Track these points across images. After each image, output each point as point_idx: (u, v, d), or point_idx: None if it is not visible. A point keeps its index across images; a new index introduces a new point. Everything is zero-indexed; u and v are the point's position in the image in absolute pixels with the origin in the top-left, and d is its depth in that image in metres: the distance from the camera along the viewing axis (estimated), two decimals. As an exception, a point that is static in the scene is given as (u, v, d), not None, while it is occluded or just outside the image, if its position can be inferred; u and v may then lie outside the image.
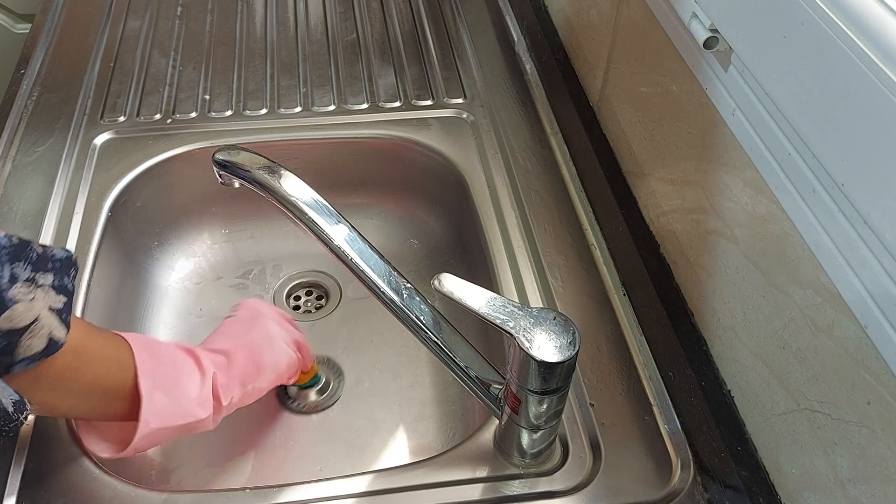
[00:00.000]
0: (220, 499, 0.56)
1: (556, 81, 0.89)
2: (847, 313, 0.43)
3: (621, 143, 0.76)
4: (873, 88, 0.37)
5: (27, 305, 0.46)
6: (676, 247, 0.66)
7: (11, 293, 0.45)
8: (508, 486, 0.56)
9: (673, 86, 0.63)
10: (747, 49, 0.49)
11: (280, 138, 0.85)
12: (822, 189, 0.44)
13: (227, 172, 0.54)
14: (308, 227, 0.52)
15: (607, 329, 0.67)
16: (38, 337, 0.47)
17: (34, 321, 0.46)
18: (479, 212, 0.77)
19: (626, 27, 0.73)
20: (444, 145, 0.85)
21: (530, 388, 0.50)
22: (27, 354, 0.46)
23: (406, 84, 0.92)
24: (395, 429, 0.74)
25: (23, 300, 0.45)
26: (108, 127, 0.85)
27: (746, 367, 0.56)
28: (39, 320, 0.46)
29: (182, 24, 1.00)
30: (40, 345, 0.47)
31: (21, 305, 0.45)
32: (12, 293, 0.45)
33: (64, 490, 0.55)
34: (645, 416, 0.61)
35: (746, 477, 0.54)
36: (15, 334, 0.45)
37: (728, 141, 0.55)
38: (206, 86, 0.91)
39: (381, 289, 0.52)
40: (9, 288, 0.45)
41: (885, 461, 0.42)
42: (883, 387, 0.41)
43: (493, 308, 0.49)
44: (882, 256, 0.40)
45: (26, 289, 0.46)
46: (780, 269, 0.50)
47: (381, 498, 0.56)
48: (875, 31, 0.38)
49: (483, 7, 1.06)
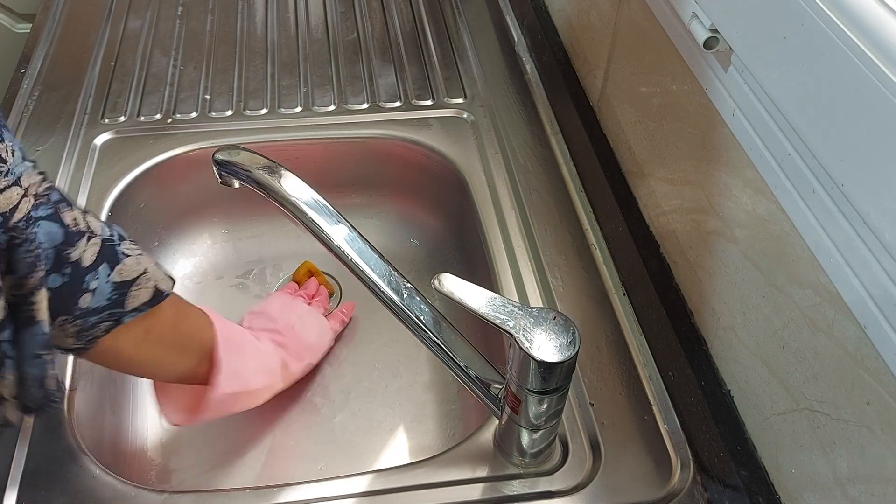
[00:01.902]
0: (220, 499, 0.56)
1: (557, 81, 0.89)
2: (846, 313, 0.43)
3: (621, 142, 0.76)
4: (873, 88, 0.37)
5: (136, 259, 0.50)
6: (676, 247, 0.66)
7: (122, 248, 0.49)
8: (508, 486, 0.56)
9: (673, 86, 0.63)
10: (747, 49, 0.49)
11: (280, 138, 0.85)
12: (821, 189, 0.44)
13: (227, 172, 0.54)
14: (308, 227, 0.52)
15: (607, 329, 0.67)
16: (145, 288, 0.50)
17: (142, 273, 0.50)
18: (479, 212, 0.77)
19: (627, 27, 0.73)
20: (445, 145, 0.85)
21: (530, 388, 0.50)
22: (135, 305, 0.50)
23: (406, 84, 0.92)
24: (395, 429, 0.74)
25: (132, 255, 0.50)
26: (109, 127, 0.85)
27: (746, 366, 0.56)
28: (147, 272, 0.51)
29: (183, 24, 1.00)
30: (146, 296, 0.51)
31: (131, 259, 0.50)
32: (122, 248, 0.49)
33: (64, 490, 0.55)
34: (645, 415, 0.61)
35: (746, 476, 0.54)
36: (125, 286, 0.49)
37: (728, 141, 0.55)
38: (207, 85, 0.91)
39: (381, 289, 0.52)
40: (119, 244, 0.49)
41: (884, 461, 0.42)
42: (882, 387, 0.41)
43: (493, 308, 0.49)
44: (882, 256, 0.40)
45: (134, 246, 0.51)
46: (779, 270, 0.50)
47: (381, 498, 0.56)
48: (875, 31, 0.38)
49: (483, 7, 1.06)
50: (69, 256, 0.46)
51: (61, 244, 0.45)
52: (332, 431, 0.73)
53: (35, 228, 0.44)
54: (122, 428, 0.70)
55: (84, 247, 0.47)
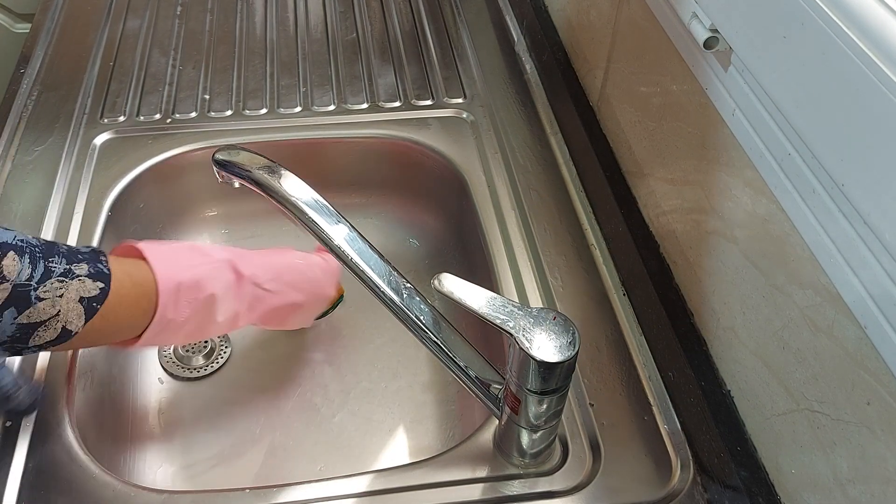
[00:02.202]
0: (220, 499, 0.56)
1: (556, 81, 0.89)
2: (847, 313, 0.43)
3: (621, 142, 0.76)
4: (873, 88, 0.37)
5: (51, 302, 0.49)
6: (676, 247, 0.66)
7: (39, 292, 0.48)
8: (508, 486, 0.56)
9: (673, 86, 0.63)
10: (747, 49, 0.49)
11: (280, 138, 0.85)
12: (821, 189, 0.44)
13: (227, 172, 0.54)
14: (308, 227, 0.52)
15: (607, 329, 0.67)
16: (52, 329, 0.49)
17: (54, 315, 0.49)
18: (479, 212, 0.77)
19: (626, 27, 0.73)
20: (444, 145, 0.85)
21: (530, 388, 0.50)
22: (37, 343, 0.49)
23: (406, 84, 0.92)
24: (395, 429, 0.74)
25: (49, 297, 0.48)
26: (108, 126, 0.85)
27: (746, 367, 0.56)
28: (60, 314, 0.49)
29: (182, 24, 1.00)
30: (51, 335, 0.49)
31: (45, 303, 0.48)
32: (40, 292, 0.48)
33: (64, 490, 0.55)
34: (645, 416, 0.61)
35: (746, 477, 0.54)
36: (30, 328, 0.48)
37: (728, 141, 0.55)
38: (206, 85, 0.91)
39: (381, 289, 0.52)
40: (37, 287, 0.48)
41: (884, 461, 0.42)
42: (882, 387, 0.41)
43: (493, 308, 0.49)
44: (882, 256, 0.40)
45: (59, 283, 0.49)
46: (779, 270, 0.50)
47: (381, 498, 0.56)
48: (875, 31, 0.38)
49: (483, 7, 1.06)
50: None
51: None
52: (332, 431, 0.73)
53: None
54: (122, 428, 0.70)
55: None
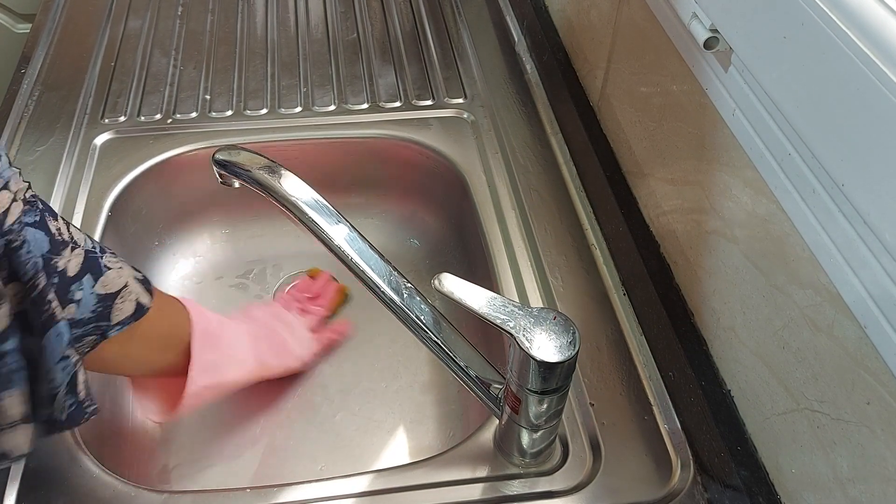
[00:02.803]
0: (220, 499, 0.56)
1: (557, 81, 0.89)
2: (847, 313, 0.43)
3: (621, 142, 0.76)
4: (873, 88, 0.37)
5: (117, 272, 0.50)
6: (676, 247, 0.66)
7: (104, 261, 0.49)
8: (508, 486, 0.56)
9: (673, 86, 0.63)
10: (747, 49, 0.49)
11: (280, 138, 0.85)
12: (822, 189, 0.44)
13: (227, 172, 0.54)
14: (308, 227, 0.52)
15: (607, 329, 0.67)
16: (129, 301, 0.51)
17: (124, 287, 0.51)
18: (479, 212, 0.77)
19: (627, 27, 0.73)
20: (445, 145, 0.85)
21: (530, 388, 0.50)
22: (119, 319, 0.50)
23: (406, 84, 0.92)
24: (395, 429, 0.74)
25: (113, 268, 0.50)
26: (109, 127, 0.85)
27: (746, 366, 0.56)
28: (128, 286, 0.51)
29: (183, 24, 1.00)
30: (130, 309, 0.51)
31: (113, 272, 0.50)
32: (104, 261, 0.49)
33: (64, 490, 0.55)
34: (645, 415, 0.61)
35: (746, 477, 0.54)
36: (109, 298, 0.49)
37: (728, 141, 0.55)
38: (207, 85, 0.91)
39: (381, 289, 0.52)
40: (101, 256, 0.49)
41: (884, 461, 0.42)
42: (882, 387, 0.41)
43: (493, 308, 0.49)
44: (882, 256, 0.40)
45: (114, 258, 0.51)
46: (779, 270, 0.50)
47: (381, 498, 0.56)
48: (875, 31, 0.38)
49: (483, 7, 1.06)
50: (56, 265, 0.45)
51: (48, 252, 0.45)
52: (332, 431, 0.73)
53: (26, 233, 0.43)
54: (122, 428, 0.70)
55: (69, 256, 0.46)
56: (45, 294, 0.43)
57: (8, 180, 0.42)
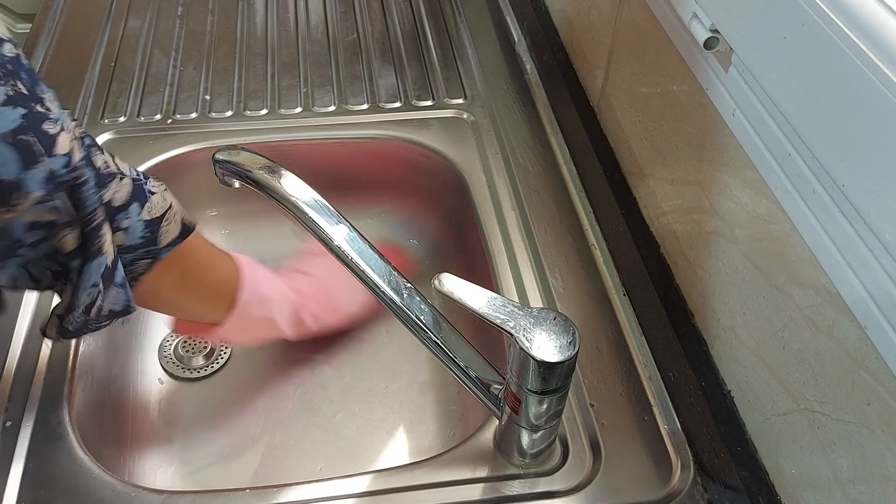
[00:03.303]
0: (220, 499, 0.56)
1: (557, 81, 0.89)
2: (847, 314, 0.43)
3: (621, 143, 0.76)
4: (873, 88, 0.37)
5: (161, 195, 0.53)
6: (676, 247, 0.66)
7: (148, 186, 0.52)
8: (508, 486, 0.56)
9: (673, 86, 0.63)
10: (747, 49, 0.49)
11: (280, 138, 0.85)
12: (822, 189, 0.44)
13: (227, 172, 0.54)
14: (308, 227, 0.52)
15: (607, 329, 0.67)
16: (174, 223, 0.54)
17: (168, 208, 0.53)
18: (479, 212, 0.77)
19: (627, 27, 0.73)
20: (445, 145, 0.85)
21: (530, 388, 0.50)
22: (167, 241, 0.53)
23: (406, 84, 0.92)
24: (395, 429, 0.74)
25: (157, 192, 0.53)
26: (109, 127, 0.85)
27: (746, 367, 0.56)
28: (172, 207, 0.54)
29: (183, 24, 1.00)
30: (176, 230, 0.54)
31: (157, 196, 0.53)
32: (148, 186, 0.52)
33: (64, 490, 0.55)
34: (645, 416, 0.61)
35: (746, 477, 0.54)
36: (155, 223, 0.52)
37: (728, 141, 0.55)
38: (207, 86, 0.91)
39: (381, 289, 0.52)
40: (145, 182, 0.52)
41: (884, 461, 0.42)
42: (883, 387, 0.41)
43: (493, 308, 0.49)
44: (882, 256, 0.40)
45: (157, 182, 0.54)
46: (780, 270, 0.50)
47: (381, 498, 0.56)
48: (875, 31, 0.38)
49: (483, 7, 1.06)
50: (101, 198, 0.48)
51: (95, 185, 0.48)
52: (332, 431, 0.73)
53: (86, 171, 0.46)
54: (122, 428, 0.70)
55: (116, 187, 0.49)
56: (100, 228, 0.48)
57: (64, 122, 0.44)
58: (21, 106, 0.41)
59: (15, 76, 0.41)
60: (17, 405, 0.60)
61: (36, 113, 0.42)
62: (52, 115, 0.43)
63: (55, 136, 0.43)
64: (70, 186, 0.45)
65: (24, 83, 0.42)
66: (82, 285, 0.48)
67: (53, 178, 0.43)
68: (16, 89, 0.41)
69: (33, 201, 0.43)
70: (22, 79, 0.42)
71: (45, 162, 0.42)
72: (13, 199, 0.42)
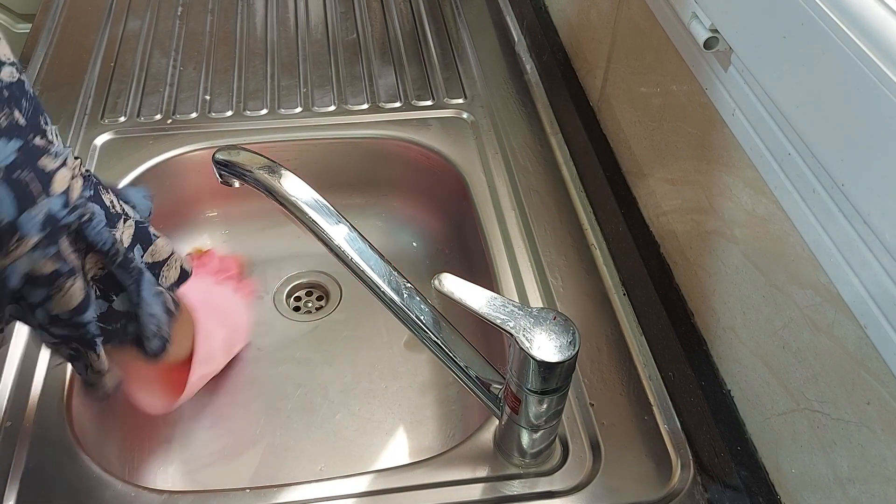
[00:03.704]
0: (220, 499, 0.56)
1: (556, 81, 0.89)
2: (847, 313, 0.43)
3: (621, 142, 0.76)
4: (873, 88, 0.37)
5: (165, 241, 0.53)
6: (676, 247, 0.66)
7: (151, 230, 0.52)
8: (508, 486, 0.56)
9: (673, 86, 0.63)
10: (747, 49, 0.49)
11: (280, 138, 0.85)
12: (821, 189, 0.44)
13: (227, 172, 0.54)
14: (308, 227, 0.52)
15: (607, 329, 0.67)
16: (174, 268, 0.54)
17: (171, 254, 0.53)
18: (479, 212, 0.77)
19: (626, 27, 0.73)
20: (444, 145, 0.85)
21: (530, 388, 0.50)
22: (167, 285, 0.53)
23: (406, 84, 0.92)
24: (395, 429, 0.74)
25: (161, 236, 0.53)
26: (109, 127, 0.85)
27: (746, 367, 0.56)
28: (174, 253, 0.54)
29: (182, 24, 1.00)
30: (175, 275, 0.54)
31: (161, 241, 0.52)
32: (152, 230, 0.52)
33: (64, 490, 0.55)
34: (645, 416, 0.61)
35: (746, 477, 0.54)
36: (157, 266, 0.52)
37: (728, 141, 0.55)
38: (207, 86, 0.91)
39: (381, 289, 0.52)
40: (148, 226, 0.52)
41: (884, 461, 0.42)
42: (883, 387, 0.41)
43: (493, 308, 0.49)
44: (882, 256, 0.40)
45: (155, 229, 0.53)
46: (779, 269, 0.50)
47: (381, 498, 0.56)
48: (875, 31, 0.38)
49: (483, 7, 1.06)
50: (114, 237, 0.48)
51: (105, 223, 0.47)
52: (332, 431, 0.73)
53: (91, 207, 0.46)
54: (122, 428, 0.70)
55: (122, 228, 0.49)
56: (129, 253, 0.48)
57: (66, 158, 0.43)
58: (17, 138, 0.38)
59: (13, 104, 0.38)
60: (18, 405, 0.60)
61: (33, 147, 0.39)
62: (53, 148, 0.40)
63: (53, 172, 0.40)
64: (76, 228, 0.43)
65: (24, 112, 0.39)
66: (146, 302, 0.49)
67: (53, 221, 0.40)
68: (11, 119, 0.37)
69: (29, 247, 0.40)
70: (21, 107, 0.39)
71: (43, 202, 0.39)
72: (9, 245, 0.38)
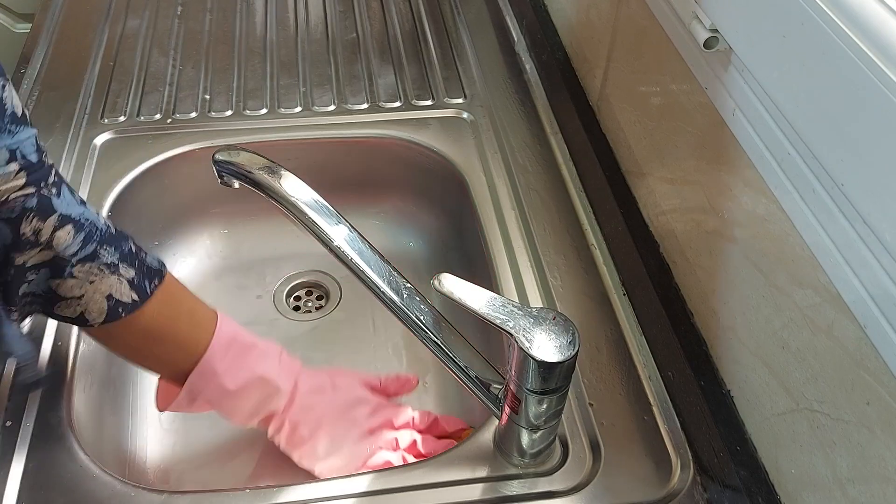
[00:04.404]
0: (220, 499, 0.56)
1: (556, 81, 0.89)
2: (847, 313, 0.43)
3: (621, 142, 0.76)
4: (873, 88, 0.37)
5: (80, 283, 0.51)
6: (676, 247, 0.66)
7: (75, 270, 0.50)
8: (508, 486, 0.56)
9: (673, 85, 0.63)
10: (747, 49, 0.49)
11: (280, 138, 0.85)
12: (821, 189, 0.44)
13: (227, 172, 0.54)
14: (308, 228, 0.52)
15: (607, 329, 0.67)
16: (70, 309, 0.52)
17: (76, 297, 0.51)
18: (479, 212, 0.77)
19: (626, 27, 0.73)
20: (444, 145, 0.85)
21: (530, 388, 0.50)
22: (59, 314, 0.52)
23: (406, 84, 0.92)
24: (395, 428, 0.74)
25: (80, 278, 0.50)
26: (109, 127, 0.85)
27: (746, 367, 0.56)
28: (82, 300, 0.51)
29: (181, 24, 1.00)
30: (70, 314, 0.52)
31: (74, 282, 0.51)
32: (76, 270, 0.50)
33: (64, 490, 0.55)
34: (645, 416, 0.61)
35: (745, 477, 0.54)
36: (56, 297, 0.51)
37: (728, 141, 0.55)
38: (206, 85, 0.91)
39: (381, 289, 0.52)
40: (75, 265, 0.50)
41: (884, 461, 0.42)
42: (882, 387, 0.41)
43: (493, 308, 0.49)
44: (882, 256, 0.40)
45: (97, 271, 0.51)
46: (779, 270, 0.50)
47: (381, 498, 0.56)
48: (875, 31, 0.38)
49: (483, 7, 1.06)
50: (13, 259, 0.49)
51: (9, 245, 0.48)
52: (332, 431, 0.73)
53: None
54: (122, 428, 0.70)
55: (32, 254, 0.49)
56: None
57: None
58: None
59: None
60: (17, 405, 0.60)
61: None
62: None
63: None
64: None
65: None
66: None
67: None
68: None
69: None
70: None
71: None
72: None
